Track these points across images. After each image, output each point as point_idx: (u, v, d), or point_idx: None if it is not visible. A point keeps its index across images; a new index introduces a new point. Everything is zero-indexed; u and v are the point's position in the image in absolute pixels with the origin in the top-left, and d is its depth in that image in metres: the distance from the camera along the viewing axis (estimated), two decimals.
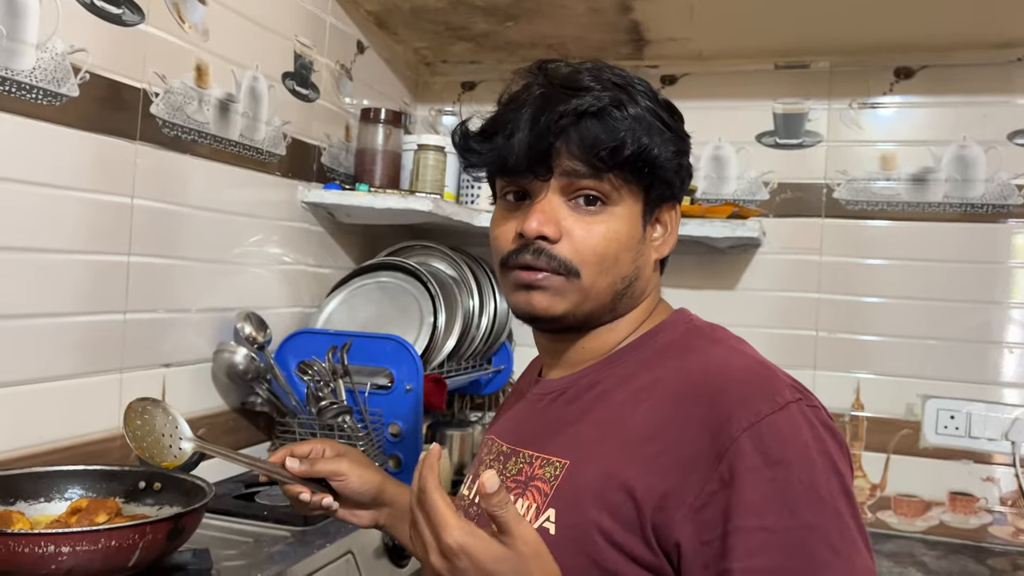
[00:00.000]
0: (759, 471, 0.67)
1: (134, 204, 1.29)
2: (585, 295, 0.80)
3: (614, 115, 0.77)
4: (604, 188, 0.78)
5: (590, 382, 0.82)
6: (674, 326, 0.84)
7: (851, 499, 0.69)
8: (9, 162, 1.08)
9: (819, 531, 0.66)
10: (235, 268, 1.54)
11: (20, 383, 1.12)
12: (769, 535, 0.66)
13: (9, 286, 1.09)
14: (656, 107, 0.80)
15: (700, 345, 0.80)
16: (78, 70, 1.17)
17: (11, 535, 0.83)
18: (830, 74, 1.93)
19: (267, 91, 1.58)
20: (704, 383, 0.74)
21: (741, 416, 0.69)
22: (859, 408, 1.88)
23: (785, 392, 0.71)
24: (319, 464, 0.94)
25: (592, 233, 0.78)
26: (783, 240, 1.93)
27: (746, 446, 0.67)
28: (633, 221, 0.80)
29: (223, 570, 1.05)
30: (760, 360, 0.77)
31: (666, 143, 0.79)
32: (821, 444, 0.69)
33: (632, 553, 0.70)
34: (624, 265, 0.80)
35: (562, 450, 0.79)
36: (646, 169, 0.78)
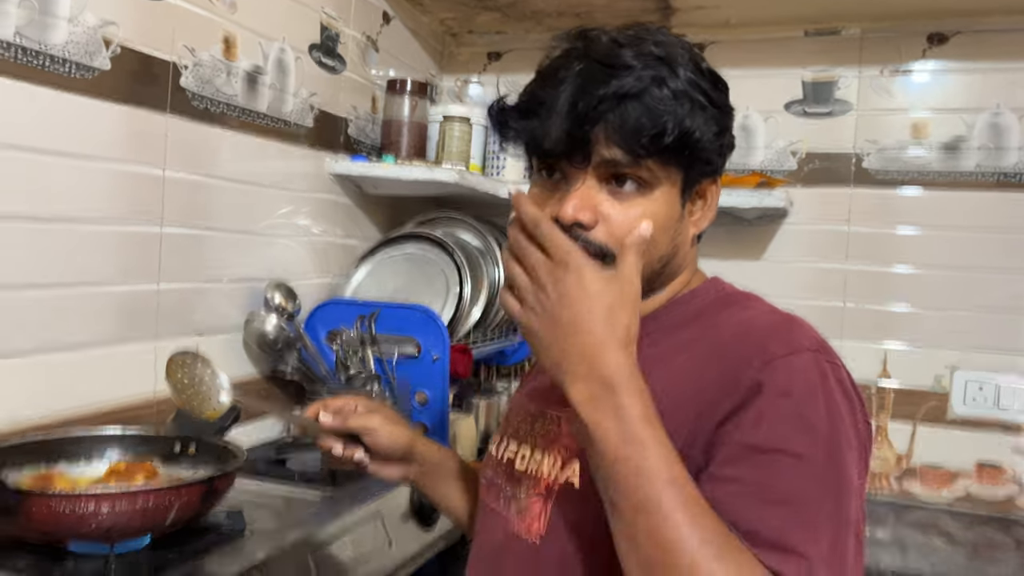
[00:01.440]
0: (761, 398, 0.69)
1: (166, 176, 1.31)
2: None
3: (655, 95, 0.75)
4: (642, 173, 0.76)
5: None
6: (706, 293, 0.85)
7: (850, 450, 0.69)
8: (45, 135, 1.10)
9: (807, 462, 0.67)
10: (264, 239, 1.56)
11: (61, 349, 1.15)
12: (752, 453, 0.67)
13: (49, 256, 1.13)
14: (699, 78, 0.77)
15: (730, 309, 0.81)
16: (109, 43, 1.19)
17: (53, 495, 0.86)
18: (861, 40, 1.90)
19: (294, 63, 1.60)
20: (729, 341, 0.75)
21: (758, 358, 0.71)
22: (886, 378, 1.87)
23: (804, 341, 0.72)
24: (351, 419, 0.95)
25: (629, 218, 0.77)
26: (811, 210, 1.91)
27: (756, 382, 0.70)
28: (672, 202, 0.79)
29: (256, 531, 1.08)
30: (787, 316, 0.78)
31: (708, 121, 0.77)
32: (829, 393, 0.70)
33: None
34: (661, 246, 0.79)
35: None
36: (687, 151, 0.77)
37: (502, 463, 0.88)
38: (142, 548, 0.96)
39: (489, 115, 0.86)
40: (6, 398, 1.08)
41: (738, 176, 1.80)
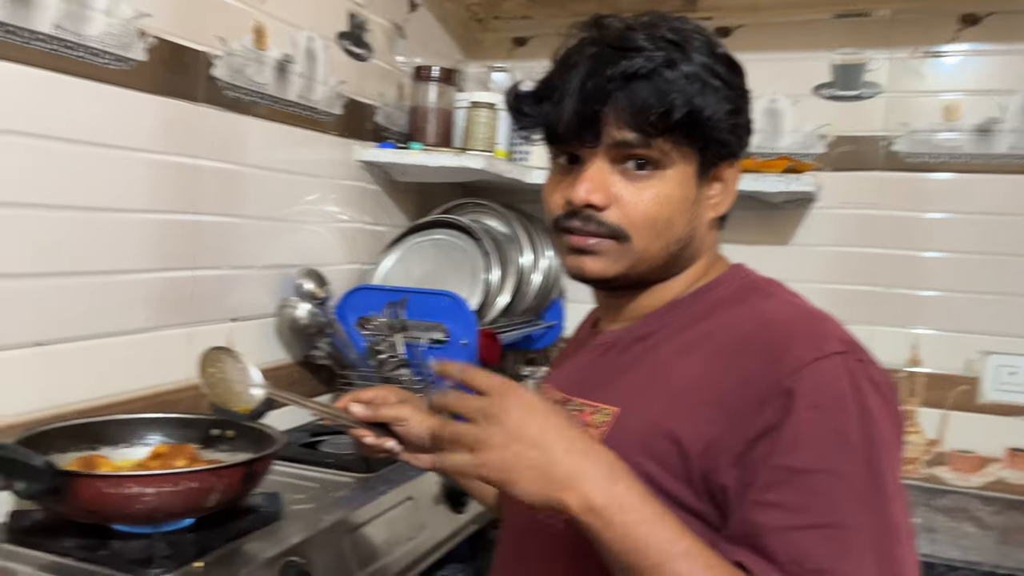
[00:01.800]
0: (795, 414, 0.67)
1: (199, 165, 1.33)
2: (638, 258, 0.80)
3: (665, 76, 0.75)
4: (654, 154, 0.77)
5: (642, 333, 0.83)
6: (729, 281, 0.84)
7: (888, 453, 0.68)
8: (83, 126, 1.12)
9: (846, 479, 0.66)
10: (295, 226, 1.58)
11: (101, 336, 1.18)
12: (791, 474, 0.66)
13: (88, 245, 1.15)
14: (713, 62, 0.78)
15: (752, 299, 0.80)
16: (144, 34, 1.20)
17: (101, 477, 0.89)
18: (891, 22, 1.87)
19: (323, 51, 1.61)
20: (751, 334, 0.74)
21: (785, 364, 0.69)
22: (916, 364, 1.86)
23: (831, 343, 0.71)
24: (382, 409, 0.96)
25: (642, 198, 0.78)
26: (839, 194, 1.90)
27: (786, 392, 0.68)
28: (686, 183, 0.79)
29: (292, 513, 1.10)
30: (811, 311, 0.77)
31: (721, 101, 0.77)
32: (860, 396, 0.68)
33: (678, 498, 0.71)
34: (677, 228, 0.80)
35: (611, 398, 0.81)
36: (698, 131, 0.77)
37: None
38: (184, 529, 0.98)
39: (506, 102, 0.87)
40: (51, 383, 1.11)
41: (765, 161, 1.79)
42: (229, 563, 0.94)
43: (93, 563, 0.90)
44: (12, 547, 0.94)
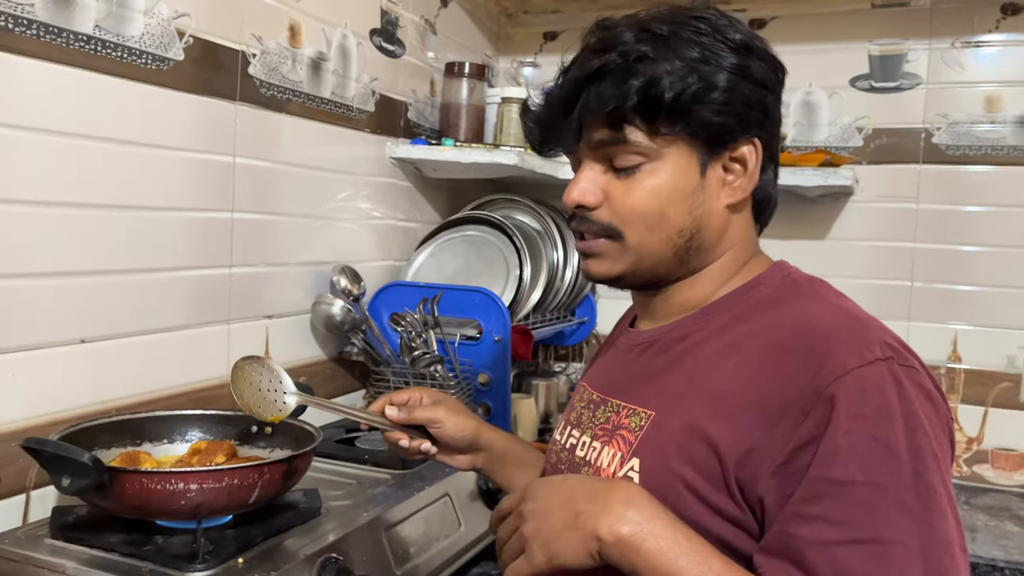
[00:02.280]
0: (837, 424, 0.65)
1: (235, 163, 1.34)
2: (638, 255, 0.79)
3: (635, 68, 0.75)
4: (635, 147, 0.76)
5: (680, 335, 0.82)
6: (771, 279, 0.81)
7: (938, 464, 0.65)
8: (123, 125, 1.14)
9: (891, 491, 0.63)
10: (328, 223, 1.59)
11: (143, 333, 1.19)
12: (834, 487, 0.64)
13: (129, 243, 1.16)
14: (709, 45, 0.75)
15: (794, 300, 0.77)
16: (182, 34, 1.21)
17: (146, 473, 0.90)
18: (931, 12, 1.84)
19: (355, 48, 1.61)
20: (793, 338, 0.72)
21: (827, 371, 0.67)
22: (956, 360, 1.83)
23: (875, 349, 0.68)
24: (416, 412, 0.97)
25: (630, 192, 0.77)
26: (877, 188, 1.87)
27: (828, 400, 0.66)
28: (683, 171, 0.77)
29: (331, 509, 1.10)
30: (855, 315, 0.74)
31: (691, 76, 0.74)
32: (907, 404, 0.66)
33: (716, 506, 0.70)
34: (676, 219, 0.78)
35: (648, 401, 0.79)
36: (669, 116, 0.75)
37: (565, 449, 0.88)
38: (225, 525, 0.99)
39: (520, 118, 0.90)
40: (95, 380, 1.12)
41: (802, 154, 1.76)
42: (270, 558, 0.94)
43: (138, 558, 0.91)
44: (58, 542, 0.96)
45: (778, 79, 0.81)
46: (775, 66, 0.80)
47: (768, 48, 0.80)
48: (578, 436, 0.86)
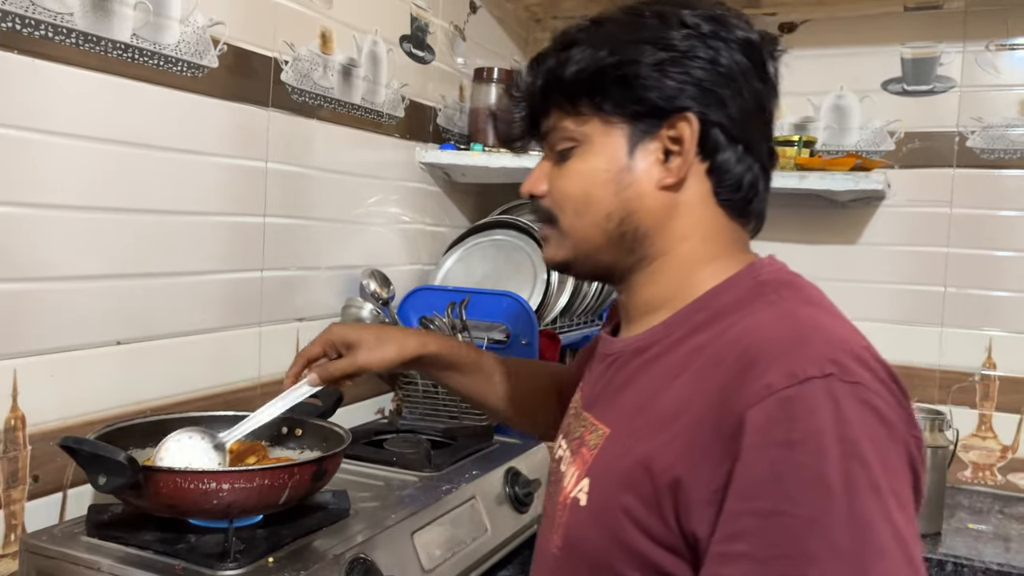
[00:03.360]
0: (760, 450, 0.59)
1: (268, 168, 1.36)
2: (573, 240, 0.78)
3: (559, 55, 0.76)
4: (564, 133, 0.77)
5: (642, 346, 0.77)
6: (738, 283, 0.74)
7: (879, 496, 0.57)
8: (159, 131, 1.16)
9: (820, 526, 0.56)
10: (358, 227, 1.61)
11: (176, 335, 1.22)
12: (758, 521, 0.58)
13: (164, 247, 1.19)
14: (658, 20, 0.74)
15: (752, 307, 0.70)
16: (217, 42, 1.24)
17: (179, 472, 0.91)
18: (965, 14, 1.81)
19: (386, 55, 1.63)
20: (735, 355, 0.65)
21: (751, 392, 0.61)
22: (991, 367, 1.80)
23: (810, 366, 0.60)
24: (335, 368, 0.98)
25: (561, 177, 0.78)
26: (910, 192, 1.85)
27: (749, 424, 0.60)
28: (610, 152, 0.75)
29: (359, 510, 1.11)
30: (802, 326, 0.65)
31: (622, 53, 0.73)
32: (844, 428, 0.58)
33: (657, 536, 0.65)
34: (602, 201, 0.75)
35: (607, 417, 0.76)
36: (583, 91, 0.75)
37: (555, 459, 0.86)
38: (255, 525, 1.01)
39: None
40: (129, 381, 1.15)
41: (833, 159, 1.75)
42: (299, 558, 0.95)
43: (171, 556, 0.92)
44: (93, 540, 0.98)
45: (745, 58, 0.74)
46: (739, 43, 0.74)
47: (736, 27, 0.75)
48: (564, 447, 0.83)
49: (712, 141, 0.74)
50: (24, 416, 1.01)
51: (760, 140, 0.77)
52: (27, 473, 1.02)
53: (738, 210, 0.77)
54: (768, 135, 0.79)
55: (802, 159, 1.73)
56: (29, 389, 1.01)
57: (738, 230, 0.78)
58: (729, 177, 0.75)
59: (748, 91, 0.74)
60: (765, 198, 0.79)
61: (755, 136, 0.76)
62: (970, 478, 1.82)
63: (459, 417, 1.59)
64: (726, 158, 0.75)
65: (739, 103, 0.74)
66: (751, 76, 0.75)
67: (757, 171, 0.77)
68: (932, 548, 1.49)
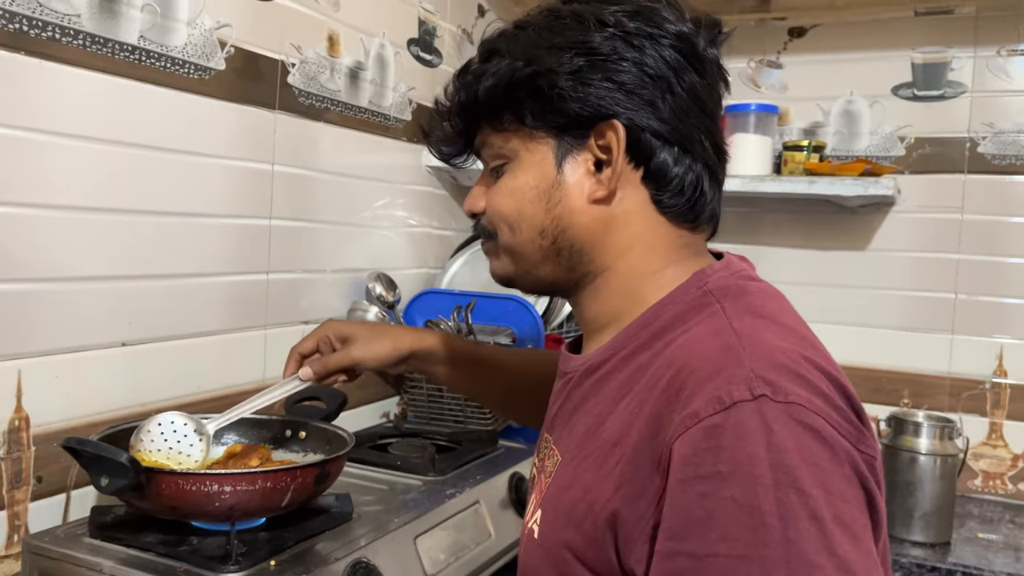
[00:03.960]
0: (688, 485, 0.55)
1: (274, 171, 1.36)
2: (511, 255, 0.76)
3: (478, 68, 0.74)
4: (492, 150, 0.76)
5: (594, 365, 0.73)
6: (683, 294, 0.69)
7: (820, 526, 0.52)
8: (166, 134, 1.16)
9: (756, 563, 0.52)
10: (364, 230, 1.61)
11: (181, 337, 1.22)
12: (692, 562, 0.54)
13: (170, 249, 1.19)
14: (575, 21, 0.70)
15: (693, 321, 0.66)
16: (224, 44, 1.24)
17: (181, 474, 0.91)
18: (976, 20, 1.80)
19: (393, 58, 1.63)
20: (669, 376, 0.62)
21: (679, 419, 0.57)
22: (1002, 375, 1.78)
23: (737, 389, 0.56)
24: (331, 362, 0.99)
25: (494, 194, 0.76)
26: (920, 198, 1.84)
27: (676, 456, 0.56)
28: (538, 167, 0.72)
29: (363, 514, 1.11)
30: (737, 340, 0.61)
31: (538, 62, 0.69)
32: (777, 455, 0.54)
33: (602, 573, 0.63)
34: (534, 218, 0.73)
35: (562, 443, 0.74)
36: (501, 107, 0.72)
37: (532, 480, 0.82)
38: (257, 528, 1.00)
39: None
40: (134, 383, 1.15)
41: (842, 164, 1.74)
42: (301, 562, 0.95)
43: (173, 558, 0.92)
44: (96, 541, 0.97)
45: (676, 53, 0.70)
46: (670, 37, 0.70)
47: (664, 20, 0.71)
48: (536, 471, 0.80)
49: (644, 146, 0.70)
50: (28, 417, 1.01)
51: (701, 137, 0.71)
52: (31, 474, 1.02)
53: (684, 215, 0.72)
54: (711, 129, 0.73)
55: (811, 164, 1.72)
56: (33, 390, 1.01)
57: (686, 235, 0.73)
58: (668, 182, 0.71)
59: (682, 87, 0.70)
60: (716, 198, 0.74)
61: (694, 134, 0.71)
62: (980, 487, 1.80)
63: (464, 422, 1.58)
64: (662, 162, 0.70)
65: (672, 102, 0.69)
66: (684, 71, 0.70)
67: (700, 170, 0.72)
68: (942, 558, 1.47)
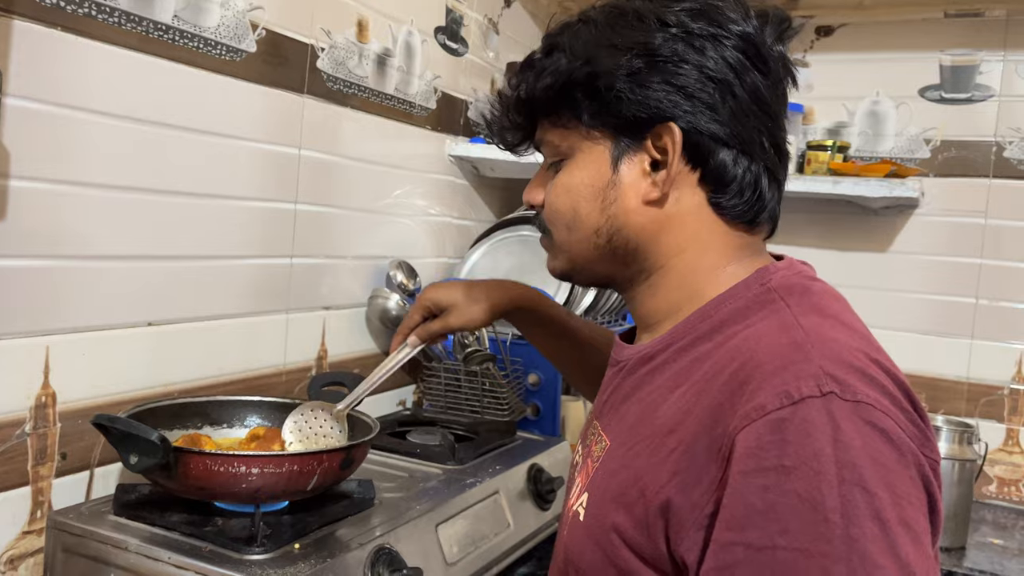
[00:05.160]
0: (750, 477, 0.55)
1: (301, 155, 1.36)
2: (567, 252, 0.76)
3: (541, 63, 0.73)
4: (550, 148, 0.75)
5: (648, 355, 0.73)
6: (745, 290, 0.69)
7: (883, 527, 0.52)
8: (196, 114, 1.16)
9: (816, 559, 0.52)
10: (386, 218, 1.60)
11: (206, 318, 1.21)
12: (749, 553, 0.54)
13: (196, 230, 1.18)
14: (637, 19, 0.69)
15: (756, 317, 0.66)
16: (256, 27, 1.23)
17: (210, 454, 0.91)
18: (1007, 23, 1.79)
19: (420, 46, 1.62)
20: (733, 368, 0.62)
21: (743, 414, 0.57)
22: (1020, 381, 1.77)
23: (806, 384, 0.56)
24: (432, 329, 1.03)
25: (552, 191, 0.75)
26: (944, 201, 1.83)
27: (739, 447, 0.56)
28: (595, 166, 0.72)
29: (384, 500, 1.11)
30: (805, 337, 0.61)
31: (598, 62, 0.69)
32: (844, 452, 0.54)
33: (647, 557, 0.62)
34: (590, 218, 0.72)
35: (611, 429, 0.74)
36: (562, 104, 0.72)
37: (573, 466, 0.84)
38: (280, 511, 1.00)
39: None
40: (159, 362, 1.15)
41: (867, 164, 1.73)
42: (325, 546, 0.95)
43: (198, 538, 0.92)
44: (120, 519, 0.98)
45: (740, 53, 0.69)
46: (733, 38, 0.69)
47: (729, 20, 0.69)
48: (580, 457, 0.81)
49: (702, 149, 0.69)
50: (55, 393, 1.01)
51: (761, 139, 0.70)
52: (56, 450, 1.02)
53: (741, 216, 0.71)
54: (772, 129, 0.71)
55: (835, 164, 1.71)
56: (61, 367, 1.01)
57: (744, 236, 0.73)
58: (726, 184, 0.70)
59: (744, 89, 0.69)
60: (775, 198, 0.73)
61: (754, 136, 0.70)
62: (995, 493, 1.80)
63: (481, 412, 1.58)
64: (720, 165, 0.69)
65: (732, 104, 0.68)
66: (747, 72, 0.69)
67: (759, 171, 0.71)
68: (957, 562, 1.47)
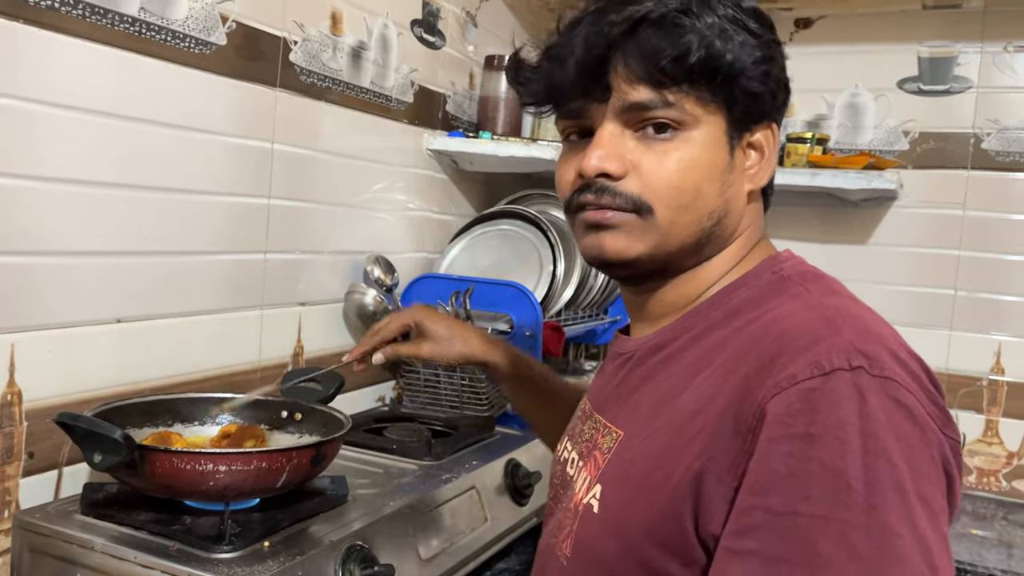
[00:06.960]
0: (776, 444, 0.56)
1: (274, 149, 1.35)
2: (664, 235, 0.69)
3: (679, 21, 0.66)
4: (673, 114, 0.67)
5: (658, 344, 0.73)
6: (757, 277, 0.71)
7: (903, 498, 0.53)
8: (165, 108, 1.14)
9: (835, 525, 0.53)
10: (363, 213, 1.59)
11: (177, 315, 1.20)
12: (769, 517, 0.55)
13: (166, 225, 1.17)
14: (737, 11, 0.68)
15: (775, 301, 0.67)
16: (226, 19, 1.22)
17: (176, 452, 0.90)
18: (984, 14, 1.79)
19: (396, 39, 1.61)
20: (759, 346, 0.62)
21: (772, 383, 0.58)
22: (999, 372, 1.78)
23: (837, 357, 0.57)
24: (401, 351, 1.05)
25: (665, 163, 0.68)
26: (922, 193, 1.83)
27: (769, 415, 0.57)
28: (716, 146, 0.69)
29: (357, 497, 1.10)
30: (830, 316, 0.62)
31: (748, 48, 0.67)
32: (869, 424, 0.54)
33: (671, 547, 0.62)
34: (709, 198, 0.69)
35: (620, 419, 0.73)
36: (722, 81, 0.67)
37: (559, 462, 0.83)
38: (251, 508, 0.99)
39: (506, 72, 0.79)
40: (128, 360, 1.13)
41: (845, 156, 1.73)
42: (295, 543, 0.94)
43: (166, 537, 0.91)
44: (88, 518, 0.96)
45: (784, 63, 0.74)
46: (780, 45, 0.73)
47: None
48: (570, 450, 0.81)
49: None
50: (21, 392, 1.00)
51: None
52: (22, 449, 1.01)
53: (767, 204, 0.78)
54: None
55: (814, 156, 1.71)
56: (26, 364, 1.00)
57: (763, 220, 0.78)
58: (772, 176, 0.76)
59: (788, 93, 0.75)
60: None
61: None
62: (974, 484, 1.81)
63: (460, 407, 1.57)
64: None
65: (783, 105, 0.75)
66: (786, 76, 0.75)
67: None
68: None
